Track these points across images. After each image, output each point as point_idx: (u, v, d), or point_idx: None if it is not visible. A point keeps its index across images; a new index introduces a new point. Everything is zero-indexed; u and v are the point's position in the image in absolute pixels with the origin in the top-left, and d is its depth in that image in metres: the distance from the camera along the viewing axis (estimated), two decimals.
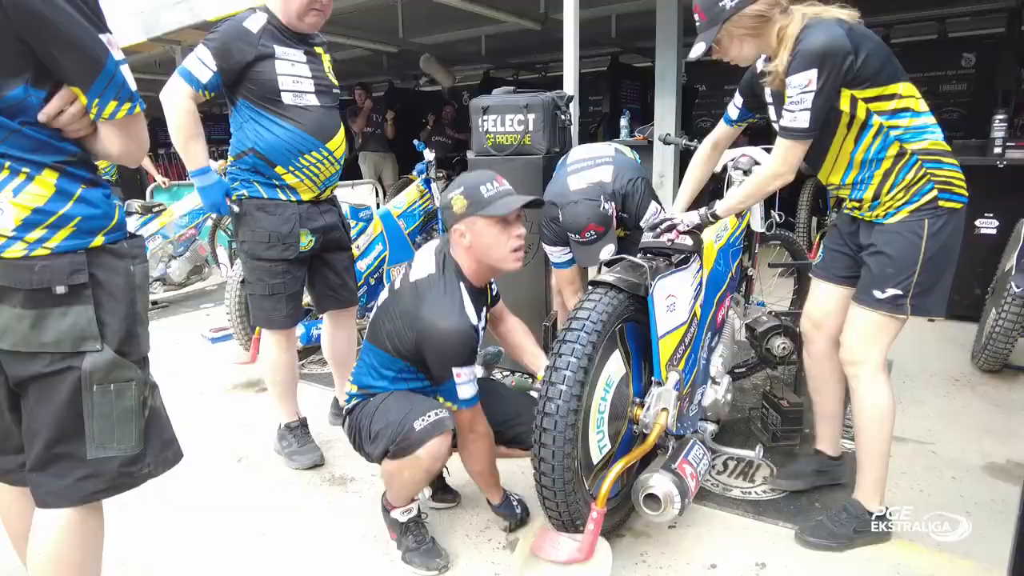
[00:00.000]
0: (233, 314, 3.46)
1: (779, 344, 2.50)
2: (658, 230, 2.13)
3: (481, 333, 1.94)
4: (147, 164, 6.22)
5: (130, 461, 1.24)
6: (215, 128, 12.77)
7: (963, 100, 7.80)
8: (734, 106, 2.17)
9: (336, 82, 2.43)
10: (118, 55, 1.13)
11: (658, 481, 1.73)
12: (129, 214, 5.09)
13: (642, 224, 2.56)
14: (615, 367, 1.87)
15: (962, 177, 1.77)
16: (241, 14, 2.23)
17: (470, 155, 3.26)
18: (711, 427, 2.24)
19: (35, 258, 1.11)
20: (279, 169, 2.27)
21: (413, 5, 6.37)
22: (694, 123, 8.86)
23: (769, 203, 2.57)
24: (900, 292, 1.80)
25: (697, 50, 1.82)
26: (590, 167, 2.60)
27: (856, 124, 1.77)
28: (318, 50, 2.38)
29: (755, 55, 1.84)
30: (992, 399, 2.97)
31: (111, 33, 1.13)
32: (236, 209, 2.32)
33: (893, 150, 1.76)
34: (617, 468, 1.75)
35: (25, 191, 1.11)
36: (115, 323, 1.19)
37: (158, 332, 4.54)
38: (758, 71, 1.93)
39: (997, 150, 3.71)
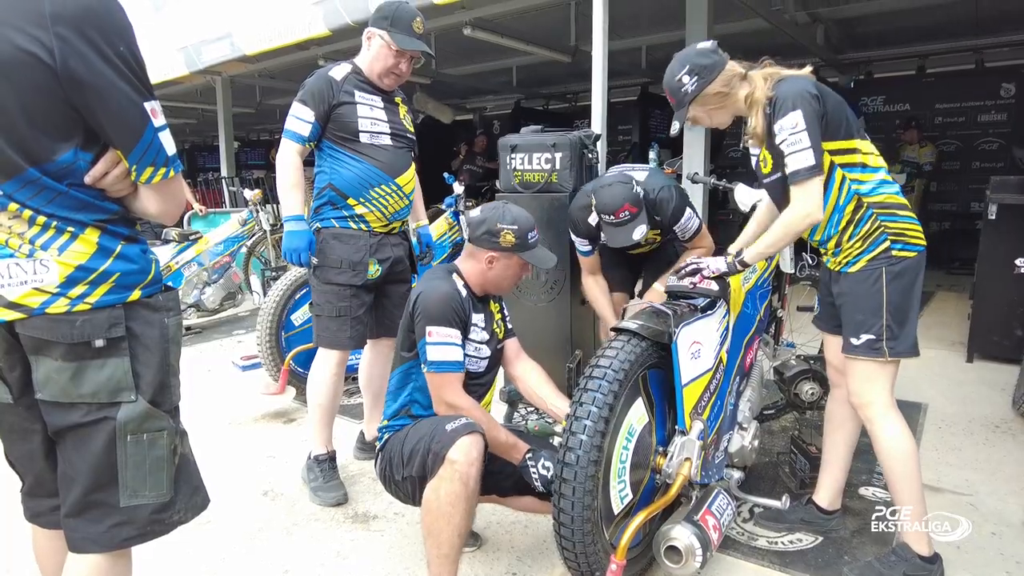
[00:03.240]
0: (264, 344, 3.51)
1: (807, 389, 2.45)
2: (682, 272, 2.13)
3: (485, 337, 2.01)
4: (184, 191, 6.40)
5: (161, 508, 1.27)
6: (210, 158, 13.37)
7: (1002, 131, 7.64)
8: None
9: (411, 129, 2.65)
10: (159, 122, 1.18)
11: (679, 533, 1.71)
12: (166, 241, 5.24)
13: (676, 230, 2.70)
14: (637, 415, 1.86)
15: (917, 228, 1.89)
16: (327, 65, 2.52)
17: (498, 188, 3.31)
18: (737, 475, 2.19)
19: (76, 313, 1.16)
20: (351, 201, 2.48)
21: (445, 38, 6.51)
22: (724, 152, 8.83)
23: (800, 246, 2.54)
24: (873, 336, 1.88)
25: (673, 128, 2.01)
26: (627, 171, 2.74)
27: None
28: (397, 100, 2.61)
29: (729, 119, 2.00)
30: None
31: (155, 100, 1.18)
32: (315, 261, 2.50)
33: (853, 203, 1.87)
34: (638, 519, 1.73)
35: (70, 249, 1.16)
36: (149, 375, 1.23)
37: (190, 358, 4.65)
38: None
39: None
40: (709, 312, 2.05)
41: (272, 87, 9.23)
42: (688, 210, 2.67)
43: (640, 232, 2.47)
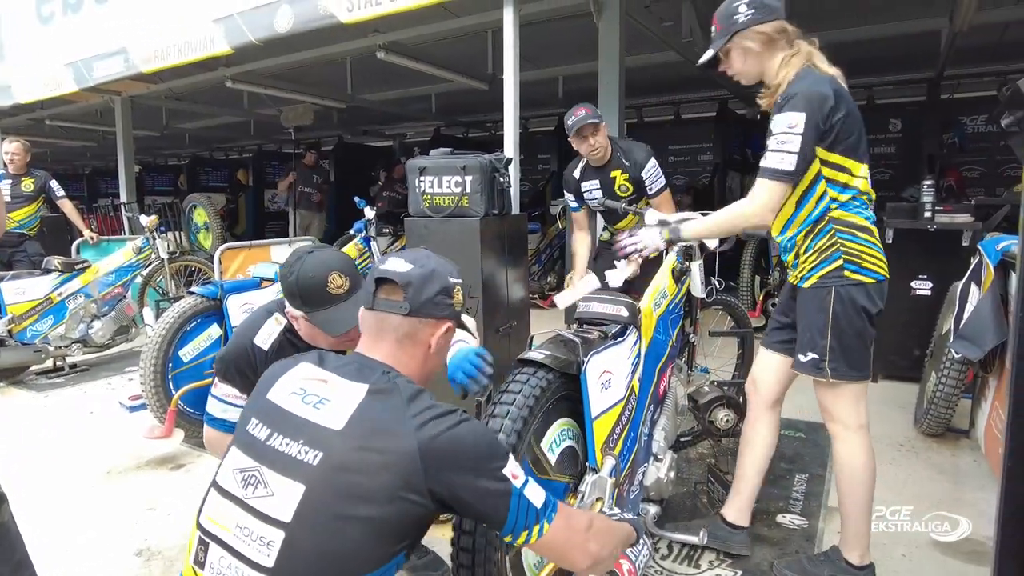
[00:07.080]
0: (148, 382, 3.19)
1: (722, 416, 2.41)
2: (623, 251, 2.15)
3: None
4: (75, 218, 5.90)
5: None
6: (113, 183, 12.17)
7: (892, 162, 8.22)
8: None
9: None
10: None
11: None
12: (48, 271, 4.78)
13: (644, 178, 3.13)
14: None
15: (879, 256, 1.83)
16: (260, 314, 1.84)
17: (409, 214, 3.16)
18: (653, 509, 2.11)
19: None
20: None
21: (360, 63, 6.37)
22: None
23: (709, 269, 2.52)
24: (816, 356, 1.86)
25: (706, 55, 1.96)
26: None
27: (803, 185, 1.83)
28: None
29: (756, 74, 1.91)
30: (937, 466, 2.93)
31: None
32: None
33: (823, 220, 1.84)
34: (547, 569, 1.59)
35: None
36: None
37: (73, 399, 4.23)
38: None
39: (927, 214, 3.81)
40: (619, 339, 1.96)
41: (179, 109, 8.79)
42: (654, 162, 3.09)
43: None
